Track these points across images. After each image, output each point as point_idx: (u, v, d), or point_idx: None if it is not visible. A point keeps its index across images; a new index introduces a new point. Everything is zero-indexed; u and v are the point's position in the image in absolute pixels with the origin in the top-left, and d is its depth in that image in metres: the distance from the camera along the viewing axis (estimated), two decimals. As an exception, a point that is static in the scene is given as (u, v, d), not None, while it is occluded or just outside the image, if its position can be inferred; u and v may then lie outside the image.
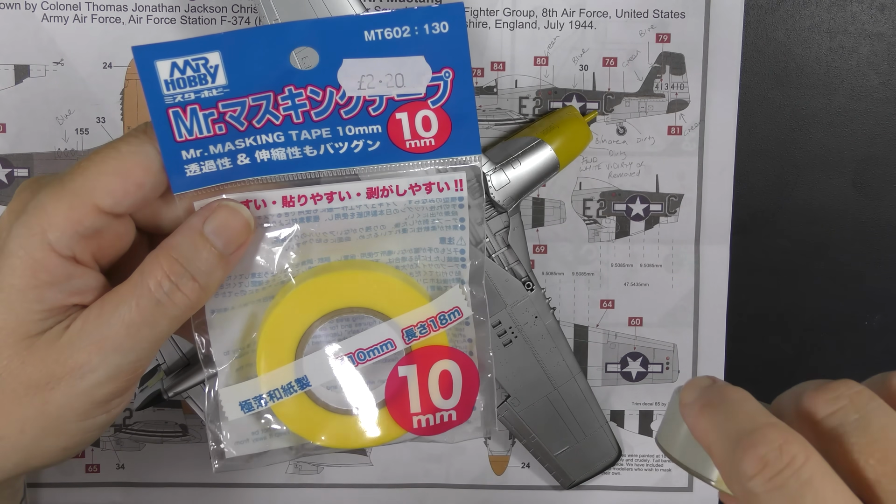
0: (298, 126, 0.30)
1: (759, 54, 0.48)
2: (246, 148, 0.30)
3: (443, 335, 0.33)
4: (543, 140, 0.45)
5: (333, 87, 0.29)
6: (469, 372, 0.34)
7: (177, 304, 0.30)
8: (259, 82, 0.29)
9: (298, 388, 0.33)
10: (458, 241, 0.32)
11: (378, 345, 0.33)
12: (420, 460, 0.50)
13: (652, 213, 0.49)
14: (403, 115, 0.30)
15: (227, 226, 0.31)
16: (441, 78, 0.29)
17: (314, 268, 0.33)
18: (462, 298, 0.33)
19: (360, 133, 0.30)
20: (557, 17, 0.47)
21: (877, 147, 0.49)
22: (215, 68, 0.28)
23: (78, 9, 0.46)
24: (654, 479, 0.51)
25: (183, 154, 0.30)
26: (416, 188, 0.32)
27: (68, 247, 0.29)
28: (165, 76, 0.28)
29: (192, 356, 0.46)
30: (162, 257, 0.30)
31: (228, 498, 0.51)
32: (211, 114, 0.29)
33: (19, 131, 0.47)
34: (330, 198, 0.32)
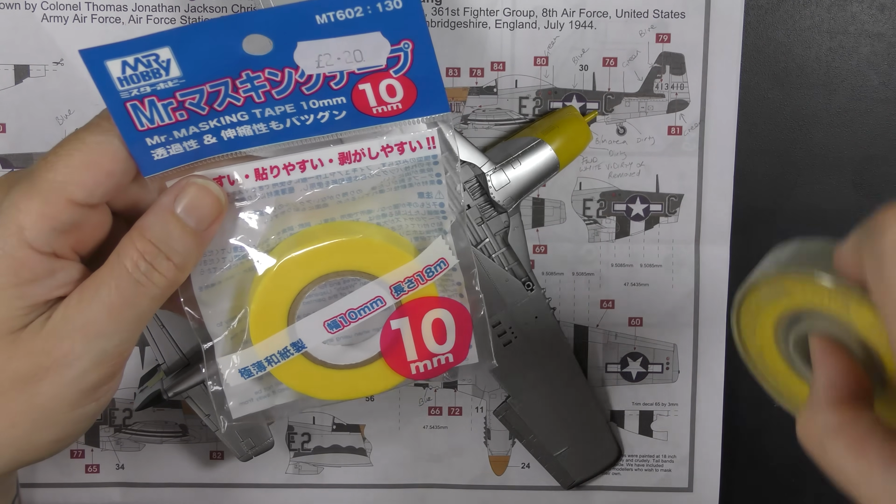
0: (261, 105, 0.30)
1: (759, 54, 0.48)
2: (211, 129, 0.30)
3: (431, 286, 0.34)
4: (543, 140, 0.45)
5: (291, 67, 0.29)
6: (461, 316, 0.34)
7: (155, 284, 0.30)
8: (214, 71, 0.29)
9: (294, 351, 0.34)
10: (437, 194, 0.32)
11: (368, 303, 0.33)
12: (420, 460, 0.50)
13: (652, 213, 0.49)
14: (366, 85, 0.30)
15: (198, 203, 0.30)
16: (401, 49, 0.29)
17: (295, 234, 0.33)
18: (446, 249, 0.33)
19: (325, 105, 0.30)
20: (557, 17, 0.47)
21: (877, 147, 0.49)
22: (167, 62, 0.28)
23: (78, 9, 0.46)
24: (654, 480, 0.51)
25: (147, 141, 0.29)
26: (388, 149, 0.32)
27: (47, 243, 0.29)
28: (118, 74, 0.28)
29: (192, 356, 0.46)
30: (136, 238, 0.30)
31: (228, 498, 0.51)
32: (170, 103, 0.29)
33: (19, 131, 0.47)
34: (303, 167, 0.31)
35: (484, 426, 0.50)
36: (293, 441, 0.50)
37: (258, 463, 0.48)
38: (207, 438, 0.50)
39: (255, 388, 0.35)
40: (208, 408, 0.47)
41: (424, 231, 0.33)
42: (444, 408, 0.50)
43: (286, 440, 0.50)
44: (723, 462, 0.50)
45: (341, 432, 0.50)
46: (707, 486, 0.51)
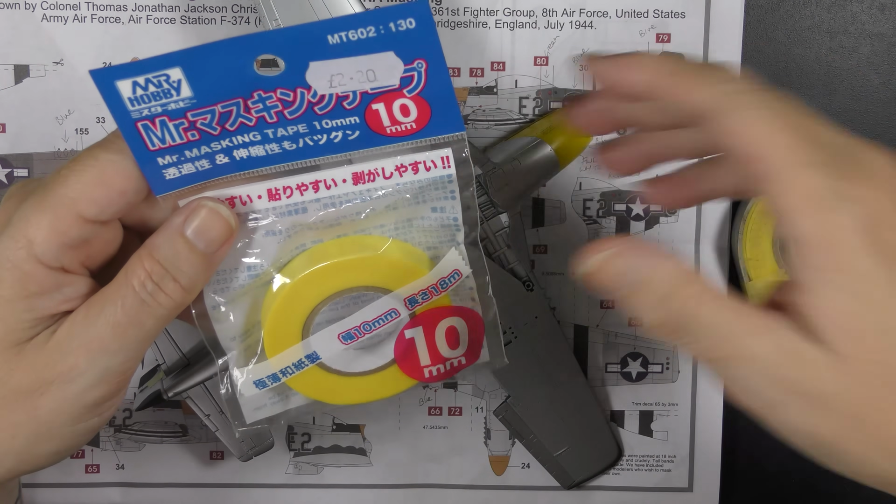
0: (273, 125, 0.30)
1: (759, 54, 0.48)
2: (223, 149, 0.30)
3: (445, 296, 0.34)
4: (543, 140, 0.45)
5: (304, 87, 0.29)
6: (474, 321, 0.35)
7: (161, 305, 0.30)
8: (225, 91, 0.28)
9: (309, 362, 0.34)
10: (451, 209, 0.32)
11: (382, 315, 0.33)
12: (420, 461, 0.50)
13: (652, 213, 0.49)
14: (380, 105, 0.30)
15: (208, 226, 0.30)
16: (414, 69, 0.29)
17: (308, 250, 0.33)
18: (460, 260, 0.33)
19: (338, 125, 0.30)
20: (557, 17, 0.47)
21: (877, 147, 0.49)
22: (178, 83, 0.28)
23: (78, 9, 0.46)
24: (654, 480, 0.51)
25: (159, 160, 0.29)
26: (402, 169, 0.31)
27: (56, 258, 0.29)
28: (128, 94, 0.28)
29: (193, 356, 0.46)
30: (144, 258, 0.30)
31: (228, 498, 0.50)
32: (181, 123, 0.29)
33: (19, 131, 0.47)
34: (316, 187, 0.31)
35: (484, 426, 0.50)
36: (293, 441, 0.50)
37: (258, 463, 0.48)
38: (207, 438, 0.50)
39: (269, 394, 0.35)
40: (208, 408, 0.47)
41: (437, 242, 0.33)
42: (444, 408, 0.50)
43: (286, 440, 0.50)
44: (723, 462, 0.50)
45: (341, 432, 0.50)
46: (707, 486, 0.51)
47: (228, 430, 0.47)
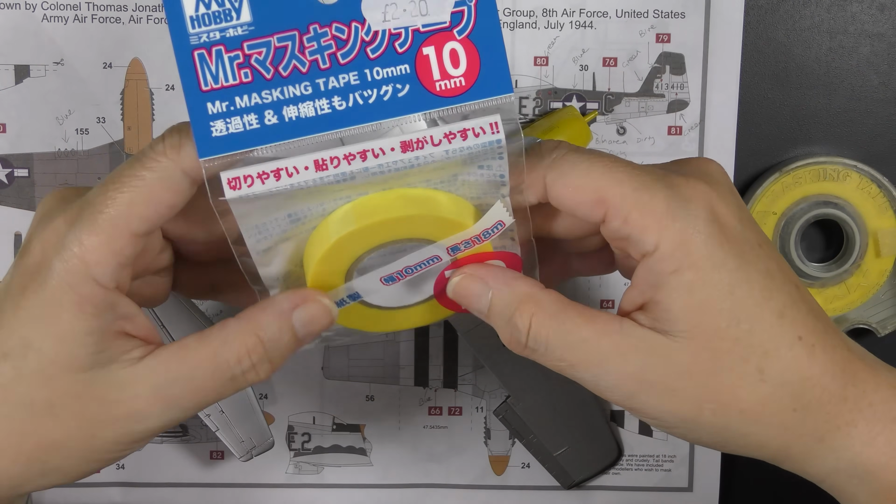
0: (325, 72, 0.30)
1: (759, 54, 0.48)
2: (273, 102, 0.30)
3: (487, 244, 0.34)
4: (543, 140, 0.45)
5: (358, 21, 0.29)
6: (513, 261, 0.35)
7: (248, 381, 0.31)
8: (284, 19, 0.29)
9: (350, 301, 0.34)
10: (497, 167, 0.32)
11: (424, 260, 0.33)
12: (420, 460, 0.50)
13: (652, 213, 0.49)
14: (430, 49, 0.30)
15: (317, 322, 0.31)
16: (465, 3, 0.29)
17: (353, 202, 0.32)
18: (504, 213, 0.32)
19: (388, 76, 0.30)
20: (557, 17, 0.47)
21: (877, 147, 0.49)
22: (239, 4, 0.28)
23: (78, 9, 0.46)
24: (654, 479, 0.51)
25: (209, 107, 0.29)
26: (451, 136, 0.31)
27: (112, 279, 0.30)
28: (191, 12, 0.28)
29: (192, 356, 0.46)
30: (248, 335, 0.31)
31: (228, 498, 0.51)
32: (236, 56, 0.29)
33: (19, 131, 0.47)
34: (364, 156, 0.31)
35: (484, 426, 0.50)
36: (293, 441, 0.50)
37: (258, 463, 0.49)
38: (207, 438, 0.50)
39: None
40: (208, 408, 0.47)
41: (482, 193, 0.33)
42: (444, 408, 0.50)
43: (286, 440, 0.50)
44: (723, 462, 0.50)
45: (341, 432, 0.50)
46: (707, 486, 0.51)
47: (228, 430, 0.47)
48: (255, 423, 0.47)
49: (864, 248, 0.47)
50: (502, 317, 0.32)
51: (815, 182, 0.47)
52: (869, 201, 0.47)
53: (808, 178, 0.47)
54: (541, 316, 0.31)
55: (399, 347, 0.50)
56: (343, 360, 0.50)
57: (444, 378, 0.50)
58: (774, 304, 0.30)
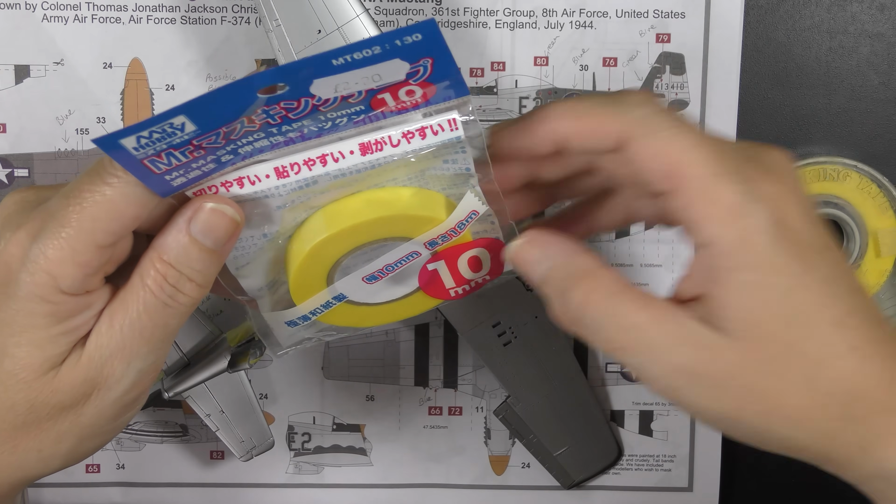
0: (278, 125, 0.30)
1: (759, 54, 0.48)
2: (228, 151, 0.30)
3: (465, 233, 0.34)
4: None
5: (308, 97, 0.29)
6: (496, 246, 0.35)
7: (182, 304, 0.31)
8: (227, 117, 0.28)
9: (336, 302, 0.35)
10: (462, 160, 0.32)
11: (404, 257, 0.33)
12: (420, 460, 0.50)
13: (652, 213, 0.49)
14: (386, 94, 0.29)
15: (213, 226, 0.31)
16: (420, 65, 0.28)
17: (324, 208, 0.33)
18: (476, 202, 0.32)
19: (343, 114, 0.30)
20: (557, 17, 0.47)
21: (877, 147, 0.49)
22: (182, 124, 0.28)
23: (78, 9, 0.46)
24: (654, 479, 0.51)
25: (166, 178, 0.30)
26: (409, 135, 0.31)
27: (81, 287, 0.30)
28: (133, 145, 0.28)
29: (193, 356, 0.46)
30: (155, 260, 0.31)
31: (228, 498, 0.51)
32: (186, 148, 0.29)
33: (19, 131, 0.47)
34: (324, 161, 0.31)
35: (484, 426, 0.50)
36: (293, 441, 0.50)
37: (258, 463, 0.49)
38: (207, 438, 0.50)
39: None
40: (208, 408, 0.47)
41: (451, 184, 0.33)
42: (444, 408, 0.50)
43: (286, 440, 0.50)
44: (723, 462, 0.50)
45: (341, 432, 0.50)
46: (707, 486, 0.51)
47: (228, 430, 0.47)
48: (255, 423, 0.47)
49: (864, 249, 0.47)
50: (557, 289, 0.31)
51: (815, 182, 0.47)
52: (869, 201, 0.47)
53: (808, 178, 0.47)
54: (597, 294, 0.30)
55: (399, 347, 0.50)
56: (343, 360, 0.50)
57: (444, 378, 0.50)
58: (832, 311, 0.29)
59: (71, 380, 0.31)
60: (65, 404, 0.31)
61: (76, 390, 0.31)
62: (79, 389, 0.31)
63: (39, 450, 0.32)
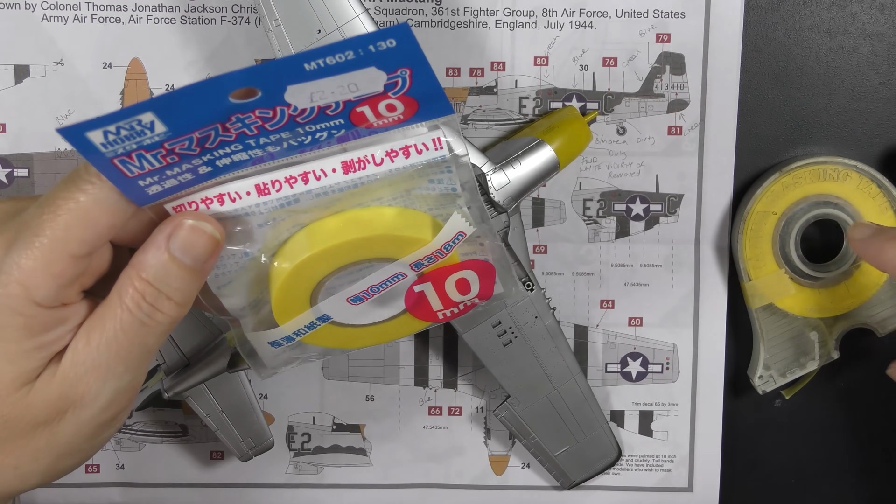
0: (255, 136, 0.29)
1: (759, 54, 0.48)
2: (205, 162, 0.29)
3: (452, 255, 0.33)
4: (543, 140, 0.45)
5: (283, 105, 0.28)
6: (485, 268, 0.34)
7: (160, 323, 0.31)
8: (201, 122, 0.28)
9: (320, 323, 0.34)
10: (448, 180, 0.32)
11: (389, 278, 0.33)
12: (420, 460, 0.50)
13: (652, 213, 0.49)
14: (365, 107, 0.29)
15: (193, 243, 0.30)
16: (398, 76, 0.28)
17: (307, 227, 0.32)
18: (463, 223, 0.32)
19: (322, 128, 0.29)
20: (557, 17, 0.47)
21: (877, 147, 0.49)
22: (151, 123, 0.27)
23: (78, 9, 0.46)
24: (654, 480, 0.51)
25: (140, 183, 0.29)
26: (393, 154, 0.31)
27: (55, 299, 0.30)
28: (100, 141, 0.27)
29: (193, 356, 0.46)
30: (134, 278, 0.30)
31: (228, 498, 0.51)
32: (159, 151, 0.28)
33: (19, 131, 0.47)
34: (305, 179, 0.30)
35: (484, 426, 0.50)
36: (293, 441, 0.50)
37: (258, 463, 0.49)
38: (207, 438, 0.50)
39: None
40: (208, 408, 0.47)
41: (437, 205, 0.33)
42: (444, 408, 0.50)
43: (286, 440, 0.50)
44: (723, 462, 0.50)
45: (341, 432, 0.50)
46: (707, 486, 0.51)
47: (228, 431, 0.47)
48: (255, 423, 0.47)
49: None
50: None
51: (815, 182, 0.47)
52: (869, 201, 0.47)
53: (808, 178, 0.47)
54: None
55: (399, 347, 0.50)
56: (343, 360, 0.50)
57: (444, 378, 0.50)
58: None
59: (45, 396, 0.30)
60: (39, 420, 0.30)
61: (50, 407, 0.30)
62: (53, 406, 0.30)
63: (16, 466, 0.31)
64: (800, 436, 0.51)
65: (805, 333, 0.47)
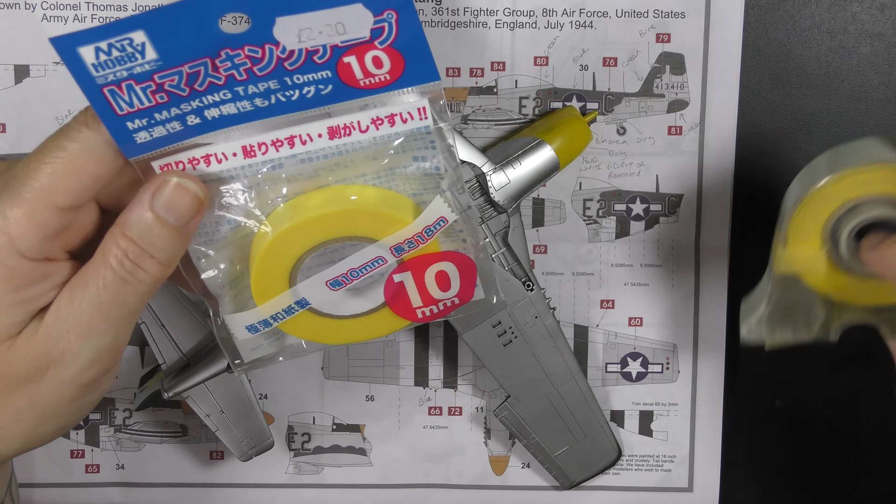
0: (243, 82, 0.29)
1: (759, 54, 0.48)
2: (193, 110, 0.29)
3: (433, 243, 0.33)
4: (543, 140, 0.45)
5: (272, 43, 0.28)
6: (465, 264, 0.34)
7: (142, 282, 0.31)
8: (191, 51, 0.28)
9: (299, 308, 0.34)
10: (431, 158, 0.32)
11: (368, 262, 0.33)
12: (420, 461, 0.50)
13: (652, 213, 0.49)
14: (351, 58, 0.29)
15: (177, 201, 0.30)
16: (384, 20, 0.28)
17: (290, 201, 0.32)
18: (445, 207, 0.32)
19: (310, 80, 0.30)
20: (557, 17, 0.47)
21: (877, 147, 0.49)
22: (142, 45, 0.27)
23: (78, 9, 0.46)
24: (654, 480, 0.51)
25: (128, 125, 0.29)
26: (378, 122, 0.31)
27: (38, 250, 0.30)
28: (91, 60, 0.27)
29: (192, 356, 0.46)
30: (118, 236, 0.30)
31: (228, 498, 0.51)
32: (148, 86, 0.28)
33: (19, 131, 0.47)
34: (291, 142, 0.31)
35: (484, 426, 0.50)
36: (293, 441, 0.50)
37: (258, 463, 0.49)
38: (207, 438, 0.50)
39: (264, 335, 0.35)
40: (208, 408, 0.47)
41: (422, 189, 0.33)
42: (444, 408, 0.50)
43: (286, 440, 0.50)
44: (723, 462, 0.50)
45: (341, 432, 0.50)
46: (707, 486, 0.51)
47: (228, 431, 0.47)
48: (255, 423, 0.47)
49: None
50: None
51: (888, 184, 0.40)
52: None
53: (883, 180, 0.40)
54: None
55: (399, 347, 0.50)
56: (343, 360, 0.50)
57: (443, 378, 0.50)
58: None
59: (26, 352, 0.30)
60: (20, 377, 0.30)
61: (32, 363, 0.30)
62: (34, 363, 0.30)
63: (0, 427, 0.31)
64: (800, 436, 0.51)
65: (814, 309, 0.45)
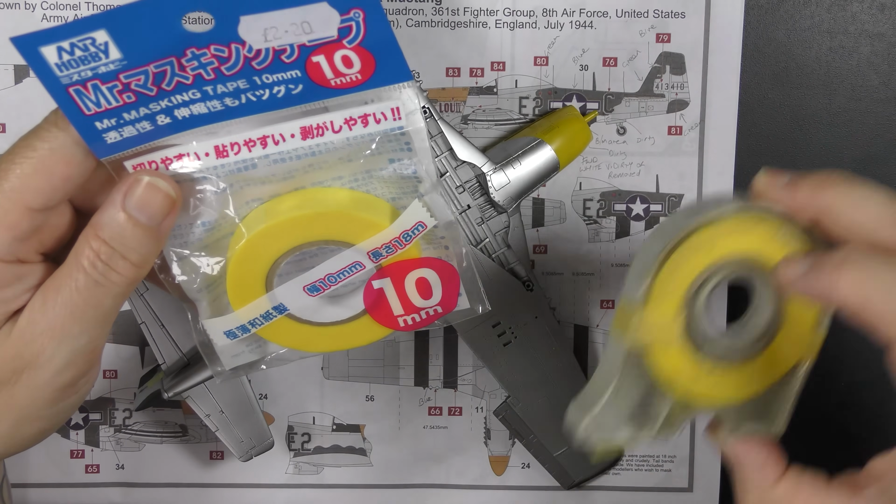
0: (212, 82, 0.29)
1: (759, 54, 0.48)
2: (163, 109, 0.29)
3: (413, 247, 0.33)
4: (543, 140, 0.45)
5: (238, 42, 0.28)
6: (447, 271, 0.34)
7: (116, 283, 0.30)
8: (156, 50, 0.28)
9: (277, 313, 0.34)
10: (408, 161, 0.32)
11: (346, 268, 0.33)
12: (420, 461, 0.50)
13: (652, 213, 0.49)
14: (320, 57, 0.29)
15: (148, 201, 0.30)
16: (351, 19, 0.28)
17: (265, 203, 0.32)
18: (423, 212, 0.32)
19: (280, 79, 0.29)
20: (557, 17, 0.47)
21: (877, 147, 0.49)
22: (105, 45, 0.27)
23: (78, 9, 0.46)
24: (654, 480, 0.51)
25: (97, 125, 0.29)
26: (351, 122, 0.30)
27: (10, 252, 0.29)
28: (54, 60, 0.27)
29: (192, 356, 0.46)
30: (91, 237, 0.30)
31: (228, 498, 0.51)
32: (115, 85, 0.28)
33: (19, 131, 0.47)
34: (264, 143, 0.30)
35: (484, 426, 0.50)
36: (293, 441, 0.50)
37: (258, 463, 0.49)
38: (207, 438, 0.50)
39: (245, 342, 0.35)
40: (208, 408, 0.47)
41: (400, 193, 0.33)
42: (444, 408, 0.50)
43: (286, 440, 0.50)
44: (723, 462, 0.50)
45: (341, 432, 0.50)
46: (707, 486, 0.51)
47: (228, 431, 0.47)
48: (255, 423, 0.47)
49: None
50: None
51: None
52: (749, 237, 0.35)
53: None
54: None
55: (399, 347, 0.50)
56: (343, 360, 0.50)
57: (444, 378, 0.50)
58: None
59: (0, 354, 0.30)
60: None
61: (6, 365, 0.30)
62: (9, 365, 0.30)
63: None
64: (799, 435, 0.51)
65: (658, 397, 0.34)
